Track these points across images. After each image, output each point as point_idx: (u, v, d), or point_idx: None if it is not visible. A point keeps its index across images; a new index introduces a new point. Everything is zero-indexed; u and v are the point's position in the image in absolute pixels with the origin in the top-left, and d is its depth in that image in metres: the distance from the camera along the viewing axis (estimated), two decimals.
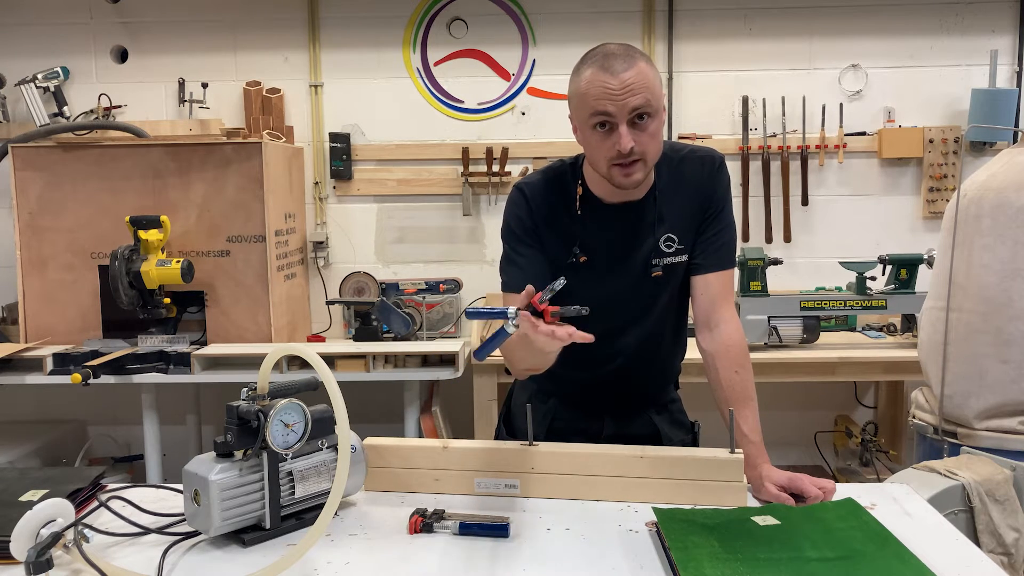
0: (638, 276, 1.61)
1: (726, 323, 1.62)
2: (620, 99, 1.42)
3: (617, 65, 1.42)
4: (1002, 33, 3.42)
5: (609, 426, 1.72)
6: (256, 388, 1.30)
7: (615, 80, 1.42)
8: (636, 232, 1.60)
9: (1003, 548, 1.66)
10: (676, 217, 1.61)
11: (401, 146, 3.54)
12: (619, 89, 1.42)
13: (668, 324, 1.70)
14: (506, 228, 1.64)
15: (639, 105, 1.43)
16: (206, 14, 3.52)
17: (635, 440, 1.66)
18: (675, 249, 1.61)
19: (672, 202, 1.61)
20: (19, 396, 3.46)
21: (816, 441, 3.56)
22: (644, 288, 1.62)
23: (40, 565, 1.12)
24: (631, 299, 1.63)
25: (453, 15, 3.50)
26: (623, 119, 1.43)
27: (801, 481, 1.44)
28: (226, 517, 1.26)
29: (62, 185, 3.07)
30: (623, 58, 1.43)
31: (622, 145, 1.43)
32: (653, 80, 1.46)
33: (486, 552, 1.27)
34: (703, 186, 1.62)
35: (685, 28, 3.46)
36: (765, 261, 2.98)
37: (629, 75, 1.42)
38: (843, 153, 3.46)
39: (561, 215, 1.61)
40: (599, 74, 1.43)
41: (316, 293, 3.58)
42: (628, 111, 1.43)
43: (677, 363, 1.82)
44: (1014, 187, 1.88)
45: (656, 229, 1.60)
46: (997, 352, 1.88)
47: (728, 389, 1.58)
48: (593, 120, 1.46)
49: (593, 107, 1.44)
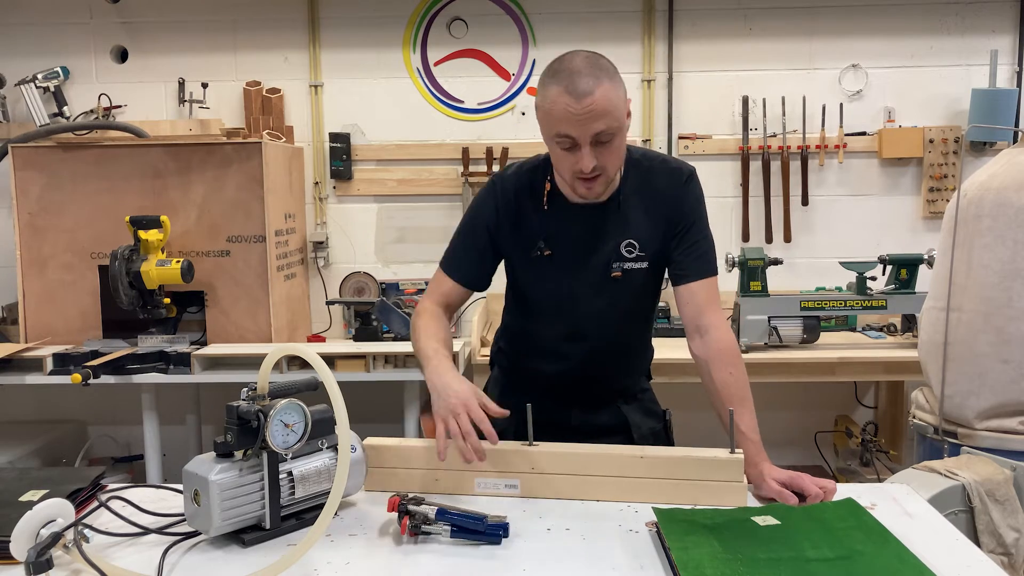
0: (599, 276, 1.66)
1: (715, 328, 1.64)
2: (583, 123, 1.46)
3: (581, 86, 1.44)
4: (1002, 33, 3.42)
5: (576, 417, 1.75)
6: (256, 388, 1.30)
7: (578, 105, 1.44)
8: (598, 233, 1.66)
9: (1003, 548, 1.66)
10: (640, 224, 1.65)
11: (401, 146, 3.54)
12: (582, 113, 1.45)
13: (633, 326, 1.76)
14: (469, 210, 1.75)
15: (602, 130, 1.47)
16: (206, 14, 3.52)
17: (603, 430, 1.75)
18: (635, 255, 1.66)
19: (637, 208, 1.66)
20: (19, 396, 3.46)
21: (816, 441, 3.56)
22: (605, 288, 1.67)
23: (40, 565, 1.12)
24: (593, 297, 1.67)
25: (453, 15, 3.50)
26: (585, 141, 1.48)
27: (802, 480, 1.44)
28: (226, 517, 1.26)
29: (62, 185, 3.07)
30: (588, 77, 1.45)
31: (583, 165, 1.49)
32: (616, 101, 1.48)
33: (486, 552, 1.27)
34: (671, 198, 1.66)
35: (685, 28, 3.46)
36: (765, 261, 2.98)
37: (591, 100, 1.44)
38: (843, 153, 3.46)
39: (528, 210, 1.68)
40: (563, 96, 1.45)
41: (316, 293, 3.58)
42: (590, 135, 1.47)
43: (644, 363, 1.87)
44: (1014, 187, 1.88)
45: (618, 233, 1.65)
46: (997, 352, 1.88)
47: (724, 390, 1.59)
48: (557, 139, 1.50)
49: (556, 128, 1.49)
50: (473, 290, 1.75)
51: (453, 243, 1.77)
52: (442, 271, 1.75)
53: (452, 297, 1.75)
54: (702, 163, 3.49)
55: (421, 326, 1.68)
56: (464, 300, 1.77)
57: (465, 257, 1.74)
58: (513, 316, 1.84)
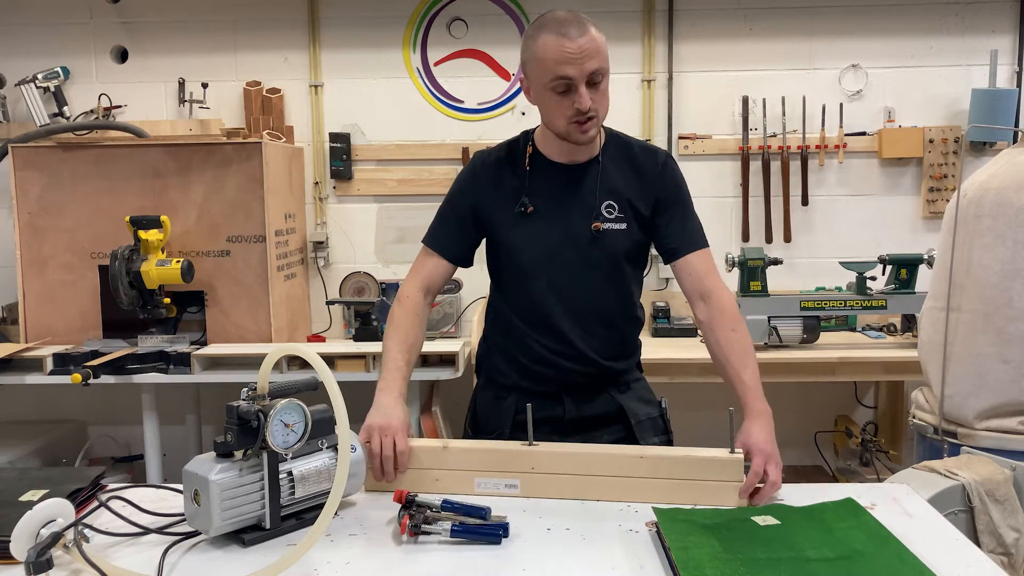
0: (579, 231, 1.71)
1: (717, 291, 1.70)
2: (579, 63, 1.55)
3: (572, 31, 1.55)
4: (1002, 33, 3.42)
5: (571, 408, 1.76)
6: (256, 388, 1.31)
7: (573, 45, 1.54)
8: (580, 191, 1.72)
9: (1003, 548, 1.66)
10: (620, 189, 1.72)
11: (401, 146, 3.54)
12: (578, 52, 1.54)
13: (615, 293, 1.76)
14: (453, 187, 1.83)
15: (596, 68, 1.56)
16: (206, 14, 3.52)
17: (599, 420, 1.76)
18: (615, 216, 1.72)
19: (616, 175, 1.73)
20: (19, 396, 3.46)
21: (816, 441, 3.56)
22: (586, 243, 1.71)
23: (40, 565, 1.12)
24: (573, 253, 1.71)
25: (453, 15, 3.50)
26: (582, 81, 1.56)
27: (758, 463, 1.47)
28: (226, 517, 1.26)
29: (62, 185, 3.07)
30: (576, 24, 1.56)
31: (582, 104, 1.57)
32: (603, 43, 1.59)
33: (486, 552, 1.27)
34: (651, 176, 1.74)
35: (685, 28, 3.46)
36: (765, 261, 2.98)
37: (585, 40, 1.55)
38: (843, 153, 3.46)
39: (509, 174, 1.76)
40: (558, 40, 1.55)
41: (316, 293, 3.58)
42: (586, 73, 1.56)
43: (632, 348, 1.85)
44: (1014, 187, 1.88)
45: (599, 193, 1.71)
46: (997, 352, 1.88)
47: (727, 347, 1.63)
48: (554, 84, 1.58)
49: (554, 71, 1.56)
50: (456, 265, 1.80)
51: (435, 219, 1.83)
52: (425, 248, 1.81)
53: (435, 276, 1.79)
54: (702, 163, 3.50)
55: (396, 322, 1.73)
56: (446, 278, 1.81)
57: (447, 231, 1.79)
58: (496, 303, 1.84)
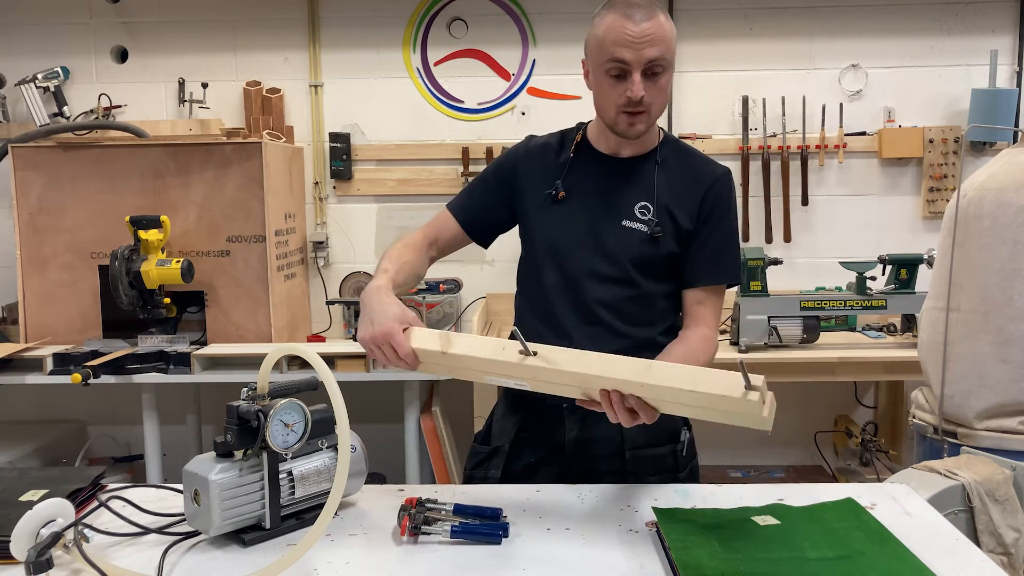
0: (604, 226, 1.60)
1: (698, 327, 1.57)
2: (638, 48, 1.46)
3: (638, 15, 1.47)
4: (1002, 33, 3.42)
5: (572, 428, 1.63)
6: (256, 388, 1.30)
7: (635, 28, 1.46)
8: (616, 187, 1.63)
9: (1003, 548, 1.66)
10: (660, 194, 1.60)
11: (401, 146, 3.54)
12: (638, 38, 1.46)
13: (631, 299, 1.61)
14: (495, 160, 1.77)
15: (655, 57, 1.47)
16: (206, 14, 3.52)
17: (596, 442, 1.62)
18: (647, 219, 1.59)
19: (660, 179, 1.62)
20: (19, 396, 3.46)
21: (816, 441, 3.56)
22: (605, 240, 1.60)
23: (40, 565, 1.12)
24: (595, 247, 1.60)
25: (453, 15, 3.50)
26: (638, 68, 1.48)
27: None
28: (226, 517, 1.26)
29: (62, 185, 3.07)
30: (644, 9, 1.48)
31: (633, 92, 1.48)
32: (670, 34, 1.50)
33: (486, 552, 1.27)
34: (700, 189, 1.61)
35: (685, 28, 3.46)
36: (765, 261, 2.98)
37: (649, 26, 1.46)
38: (843, 153, 3.46)
39: (554, 159, 1.68)
40: (620, 20, 1.47)
41: (316, 293, 3.58)
42: (644, 61, 1.47)
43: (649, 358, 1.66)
44: (1014, 187, 1.88)
45: (637, 193, 1.61)
46: (997, 352, 1.88)
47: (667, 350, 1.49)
48: (608, 66, 1.50)
49: (611, 53, 1.48)
50: (470, 236, 1.72)
51: (466, 188, 1.77)
52: (446, 209, 1.74)
53: (444, 234, 1.72)
54: None
55: (392, 249, 1.65)
56: (456, 244, 1.73)
57: (471, 198, 1.73)
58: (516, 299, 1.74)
